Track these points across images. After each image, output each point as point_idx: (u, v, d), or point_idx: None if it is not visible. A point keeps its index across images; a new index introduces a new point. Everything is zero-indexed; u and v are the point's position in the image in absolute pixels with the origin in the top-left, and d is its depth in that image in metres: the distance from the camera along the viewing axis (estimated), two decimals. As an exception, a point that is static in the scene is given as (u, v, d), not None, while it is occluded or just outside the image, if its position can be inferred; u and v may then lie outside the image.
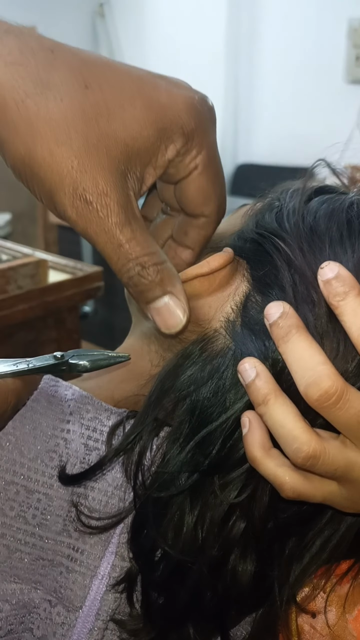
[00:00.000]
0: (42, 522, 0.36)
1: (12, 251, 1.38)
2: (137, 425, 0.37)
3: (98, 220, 0.31)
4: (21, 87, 0.30)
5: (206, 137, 0.34)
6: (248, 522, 0.36)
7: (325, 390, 0.30)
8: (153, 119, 0.32)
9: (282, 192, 0.42)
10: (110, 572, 0.37)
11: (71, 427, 0.37)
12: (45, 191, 0.31)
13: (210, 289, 0.38)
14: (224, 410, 0.35)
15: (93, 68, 0.32)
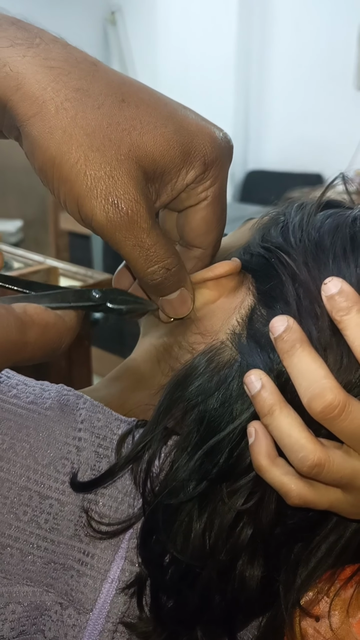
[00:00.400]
0: (54, 527, 0.37)
1: (23, 259, 1.40)
2: (147, 434, 0.38)
3: (128, 225, 0.33)
4: (62, 91, 0.31)
5: (222, 171, 0.36)
6: (255, 528, 0.37)
7: (329, 403, 0.32)
8: (181, 142, 0.34)
9: (288, 206, 0.43)
10: (120, 576, 0.38)
11: (83, 435, 0.38)
12: (73, 194, 0.32)
13: (217, 297, 0.40)
14: (231, 420, 0.37)
15: (131, 87, 0.34)
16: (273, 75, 3.55)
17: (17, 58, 0.31)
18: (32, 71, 0.31)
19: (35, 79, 0.31)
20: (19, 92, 0.31)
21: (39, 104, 0.31)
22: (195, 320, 0.40)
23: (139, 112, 0.33)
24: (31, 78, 0.31)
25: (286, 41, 3.44)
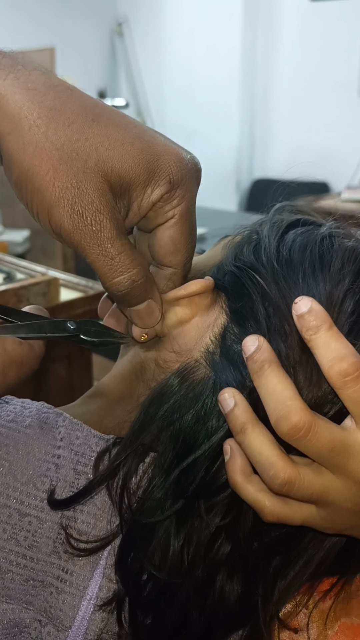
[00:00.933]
0: (33, 544, 0.37)
1: (26, 270, 1.41)
2: (122, 451, 0.38)
3: (92, 234, 0.34)
4: (36, 110, 0.33)
5: (188, 191, 0.37)
6: (234, 543, 0.38)
7: (294, 425, 0.32)
8: (146, 160, 0.35)
9: (261, 225, 0.43)
10: (98, 593, 0.38)
11: (62, 452, 0.39)
12: (44, 205, 0.34)
13: (191, 315, 0.40)
14: (207, 437, 0.37)
15: (103, 109, 0.35)
16: (278, 84, 3.57)
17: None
18: (10, 92, 0.33)
19: (13, 99, 0.33)
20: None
21: (14, 122, 0.33)
22: (169, 338, 0.41)
23: (108, 130, 0.35)
24: (10, 98, 0.33)
25: (291, 50, 3.45)
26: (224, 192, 3.69)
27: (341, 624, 0.41)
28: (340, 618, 0.41)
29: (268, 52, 3.55)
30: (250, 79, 3.61)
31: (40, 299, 1.21)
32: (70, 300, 1.28)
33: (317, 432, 0.32)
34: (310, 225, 0.42)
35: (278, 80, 3.57)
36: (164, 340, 0.41)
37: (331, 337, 0.33)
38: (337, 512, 0.35)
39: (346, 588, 0.41)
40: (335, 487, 0.34)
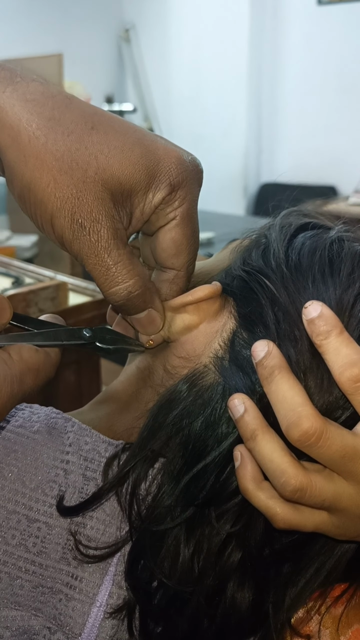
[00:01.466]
0: (42, 550, 0.37)
1: (35, 274, 1.41)
2: (131, 458, 0.38)
3: (90, 244, 0.34)
4: (34, 121, 0.33)
5: (190, 193, 0.37)
6: (244, 550, 0.37)
7: (305, 431, 0.32)
8: (146, 166, 0.35)
9: (270, 228, 0.43)
10: (108, 600, 0.38)
11: (70, 458, 0.38)
12: (46, 215, 0.34)
13: (198, 321, 0.40)
14: (216, 443, 0.37)
15: (102, 117, 0.35)
16: (285, 88, 3.57)
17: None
18: (9, 104, 0.33)
19: (12, 111, 0.33)
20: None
21: (14, 135, 0.33)
22: (177, 344, 0.41)
23: (107, 138, 0.35)
24: (9, 110, 0.33)
25: (298, 54, 3.46)
26: (232, 197, 3.69)
27: (354, 630, 0.40)
28: (353, 624, 0.40)
29: (275, 56, 3.55)
30: (257, 84, 3.61)
31: (48, 304, 1.21)
32: (79, 304, 1.28)
33: (328, 439, 0.32)
34: (319, 229, 0.42)
35: (285, 84, 3.57)
36: (172, 346, 0.41)
37: (342, 343, 0.33)
38: (349, 519, 0.35)
39: (358, 594, 0.41)
40: (348, 493, 0.34)
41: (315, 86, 3.41)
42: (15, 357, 0.33)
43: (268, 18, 3.49)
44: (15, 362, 0.33)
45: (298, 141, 3.57)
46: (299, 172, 3.49)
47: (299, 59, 3.45)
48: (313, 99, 3.43)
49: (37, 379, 0.34)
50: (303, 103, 3.49)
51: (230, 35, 3.53)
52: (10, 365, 0.33)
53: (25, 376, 0.33)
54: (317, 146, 3.45)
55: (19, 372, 0.33)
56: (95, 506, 0.38)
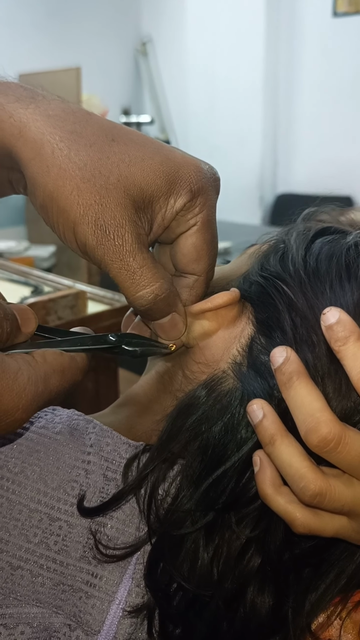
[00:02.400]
0: (63, 549, 0.38)
1: (54, 283, 1.43)
2: (149, 462, 0.38)
3: (114, 249, 0.35)
4: (57, 134, 0.35)
5: (209, 200, 0.38)
6: (264, 555, 0.38)
7: (324, 437, 0.32)
8: (167, 172, 0.36)
9: (287, 233, 0.44)
10: (127, 598, 0.38)
11: (92, 458, 0.39)
12: (69, 223, 0.35)
13: (217, 328, 0.40)
14: (236, 448, 0.37)
15: (121, 130, 0.37)
16: (301, 98, 3.58)
17: (21, 110, 0.35)
18: (32, 119, 0.35)
19: (35, 125, 0.34)
20: (22, 138, 0.34)
21: (37, 147, 0.34)
22: (196, 350, 0.41)
23: (127, 148, 0.36)
24: (32, 125, 0.34)
25: (313, 65, 3.46)
26: (248, 207, 3.70)
27: None
28: (375, 629, 0.40)
29: (290, 68, 3.57)
30: (273, 95, 3.63)
31: (67, 312, 1.23)
32: (98, 312, 1.29)
33: (347, 444, 0.32)
34: (336, 234, 0.43)
35: (301, 95, 3.58)
36: (190, 351, 0.41)
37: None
38: None
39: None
40: None
41: (331, 97, 3.41)
42: (39, 359, 0.34)
43: (283, 30, 3.51)
44: (39, 363, 0.33)
45: (314, 152, 3.57)
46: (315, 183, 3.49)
47: (315, 70, 3.46)
48: (329, 110, 3.44)
49: (62, 380, 0.34)
50: (319, 113, 3.50)
51: (246, 47, 3.55)
52: (34, 366, 0.33)
53: (50, 377, 0.33)
54: (332, 157, 3.44)
55: (43, 372, 0.33)
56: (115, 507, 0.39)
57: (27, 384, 0.32)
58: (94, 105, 3.07)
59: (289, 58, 3.55)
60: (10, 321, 0.33)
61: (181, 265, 0.40)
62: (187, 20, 3.80)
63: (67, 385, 0.35)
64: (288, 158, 3.72)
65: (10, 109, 0.35)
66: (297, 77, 3.56)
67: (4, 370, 0.30)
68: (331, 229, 0.43)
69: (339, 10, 3.31)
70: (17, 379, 0.31)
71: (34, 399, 0.32)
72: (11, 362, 0.32)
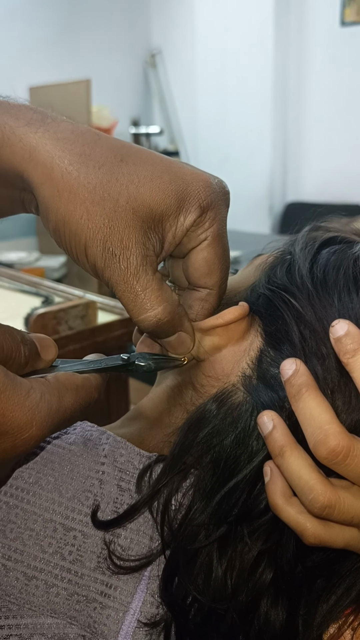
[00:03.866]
0: (77, 559, 0.38)
1: (64, 293, 1.44)
2: (162, 475, 0.39)
3: (119, 271, 0.35)
4: (66, 157, 0.35)
5: (219, 214, 0.38)
6: (276, 568, 0.38)
7: (332, 449, 0.32)
8: (176, 190, 0.37)
9: (293, 244, 0.44)
10: (141, 608, 0.38)
11: (106, 469, 0.39)
12: (80, 245, 0.36)
13: (227, 342, 0.41)
14: (247, 460, 0.37)
15: (130, 149, 0.37)
16: (310, 107, 3.59)
17: (30, 134, 0.35)
18: (42, 143, 0.35)
19: (44, 149, 0.35)
20: (32, 162, 0.35)
21: (47, 172, 0.35)
22: (206, 363, 0.41)
23: (136, 168, 0.36)
24: (41, 149, 0.35)
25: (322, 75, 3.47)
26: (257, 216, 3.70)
27: None
28: (387, 640, 0.40)
29: (299, 77, 3.58)
30: (282, 104, 3.64)
31: (78, 321, 1.23)
32: (108, 322, 1.29)
33: (356, 456, 0.32)
34: (343, 244, 0.43)
35: (310, 104, 3.59)
36: (200, 365, 0.42)
37: None
38: None
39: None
40: None
41: (340, 105, 3.42)
42: (52, 380, 0.34)
43: (292, 40, 3.53)
44: (52, 382, 0.34)
45: (323, 161, 3.58)
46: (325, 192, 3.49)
47: (323, 80, 3.47)
48: (337, 119, 3.44)
49: (77, 398, 0.34)
50: (327, 122, 3.50)
51: (255, 58, 3.57)
52: (47, 385, 0.33)
53: (64, 395, 0.34)
54: (341, 165, 3.45)
55: (57, 390, 0.33)
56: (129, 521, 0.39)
57: (40, 401, 0.32)
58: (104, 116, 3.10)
59: (297, 68, 3.57)
60: (28, 346, 0.33)
61: (193, 279, 0.40)
62: (196, 32, 3.83)
63: (82, 403, 0.35)
64: (297, 167, 3.73)
65: (21, 133, 0.35)
66: (306, 87, 3.57)
67: (15, 387, 0.31)
68: (337, 238, 0.43)
69: (347, 20, 3.32)
70: (29, 396, 0.31)
71: (48, 415, 0.32)
72: (23, 381, 0.32)
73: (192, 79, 3.93)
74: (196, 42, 3.84)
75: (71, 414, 0.34)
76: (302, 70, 3.56)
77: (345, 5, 3.31)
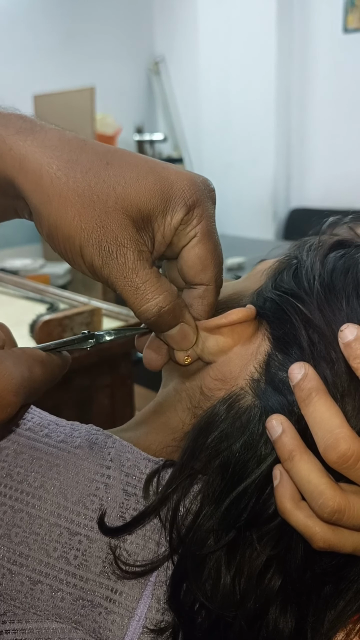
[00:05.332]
0: (82, 563, 0.38)
1: (69, 300, 1.44)
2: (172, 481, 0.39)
3: (118, 267, 0.36)
4: (54, 163, 0.36)
5: (206, 210, 0.39)
6: (285, 574, 0.37)
7: (343, 453, 0.32)
8: (161, 190, 0.37)
9: (299, 248, 0.44)
10: (146, 613, 0.38)
11: (112, 473, 0.39)
12: (75, 247, 0.37)
13: (233, 344, 0.41)
14: (256, 464, 0.37)
15: (115, 153, 0.38)
16: (313, 114, 3.60)
17: (20, 143, 0.36)
18: (31, 151, 0.36)
19: (33, 157, 0.36)
20: (22, 170, 0.36)
21: (37, 179, 0.36)
22: (213, 366, 0.41)
23: (122, 171, 0.37)
24: (30, 157, 0.36)
25: (325, 81, 3.49)
26: (261, 222, 3.71)
27: None
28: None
29: (302, 83, 3.60)
30: (285, 110, 3.65)
31: (83, 328, 1.24)
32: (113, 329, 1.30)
33: None
34: (350, 248, 0.43)
35: (313, 110, 3.60)
36: (207, 368, 0.41)
37: None
38: None
39: None
40: None
41: (343, 111, 3.43)
42: (18, 352, 0.37)
43: (295, 46, 3.54)
44: (19, 353, 0.37)
45: (327, 166, 3.59)
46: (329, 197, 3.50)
47: (326, 86, 3.49)
48: (341, 124, 3.45)
49: (44, 371, 0.37)
50: (331, 128, 3.51)
51: (258, 65, 3.59)
52: (17, 355, 0.36)
53: (33, 366, 0.36)
54: (345, 171, 3.45)
55: (25, 360, 0.36)
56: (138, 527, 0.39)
57: (13, 369, 0.34)
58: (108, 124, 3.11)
59: (300, 74, 3.58)
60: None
61: (189, 277, 0.41)
62: (199, 39, 3.85)
63: (49, 377, 0.38)
64: (301, 173, 3.74)
65: (11, 142, 0.36)
66: (309, 93, 3.58)
67: None
68: (344, 242, 0.43)
69: (349, 27, 3.34)
70: (2, 363, 0.34)
71: (22, 383, 0.35)
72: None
73: (195, 86, 3.95)
74: (199, 49, 3.87)
75: (40, 385, 0.37)
76: (305, 77, 3.58)
77: (348, 12, 3.33)
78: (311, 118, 3.62)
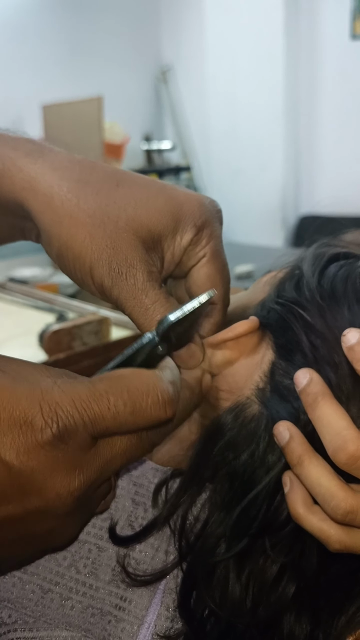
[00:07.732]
0: (92, 572, 0.38)
1: (78, 309, 1.45)
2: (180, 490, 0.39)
3: (127, 288, 0.36)
4: (65, 185, 0.36)
5: (214, 231, 0.40)
6: (300, 580, 0.37)
7: (352, 454, 0.32)
8: (171, 211, 0.38)
9: (302, 260, 0.44)
10: (156, 621, 0.38)
11: (120, 482, 0.40)
12: (85, 267, 0.37)
13: (239, 355, 0.41)
14: (265, 472, 0.37)
15: (125, 174, 0.39)
16: (321, 120, 3.60)
17: (30, 165, 0.37)
18: (41, 173, 0.37)
19: (43, 179, 0.36)
20: (32, 192, 0.36)
21: (47, 200, 0.36)
22: (219, 377, 0.42)
23: (132, 192, 0.38)
24: (40, 179, 0.36)
25: (332, 88, 3.49)
26: (271, 229, 3.71)
27: None
28: None
29: (310, 90, 3.60)
30: (294, 117, 3.66)
31: (92, 337, 1.24)
32: (122, 338, 1.30)
33: None
34: (350, 259, 0.43)
35: (321, 117, 3.60)
36: (214, 379, 0.42)
37: None
38: None
39: None
40: None
41: (352, 118, 3.43)
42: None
43: (302, 53, 3.55)
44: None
45: (336, 173, 3.58)
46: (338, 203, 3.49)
47: (334, 92, 3.49)
48: (350, 131, 3.45)
49: (192, 395, 0.40)
50: (340, 134, 3.51)
51: (266, 72, 3.59)
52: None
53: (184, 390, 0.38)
54: (355, 177, 3.45)
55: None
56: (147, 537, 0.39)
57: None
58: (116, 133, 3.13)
59: (308, 81, 3.59)
60: None
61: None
62: (206, 47, 3.87)
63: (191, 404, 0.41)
64: (310, 179, 3.74)
65: (21, 164, 0.37)
66: (317, 99, 3.59)
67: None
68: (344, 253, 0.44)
69: (356, 33, 3.35)
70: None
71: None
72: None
73: (203, 94, 3.96)
74: (207, 57, 3.88)
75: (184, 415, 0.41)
76: (313, 83, 3.58)
77: (355, 19, 3.34)
78: (319, 124, 3.62)
